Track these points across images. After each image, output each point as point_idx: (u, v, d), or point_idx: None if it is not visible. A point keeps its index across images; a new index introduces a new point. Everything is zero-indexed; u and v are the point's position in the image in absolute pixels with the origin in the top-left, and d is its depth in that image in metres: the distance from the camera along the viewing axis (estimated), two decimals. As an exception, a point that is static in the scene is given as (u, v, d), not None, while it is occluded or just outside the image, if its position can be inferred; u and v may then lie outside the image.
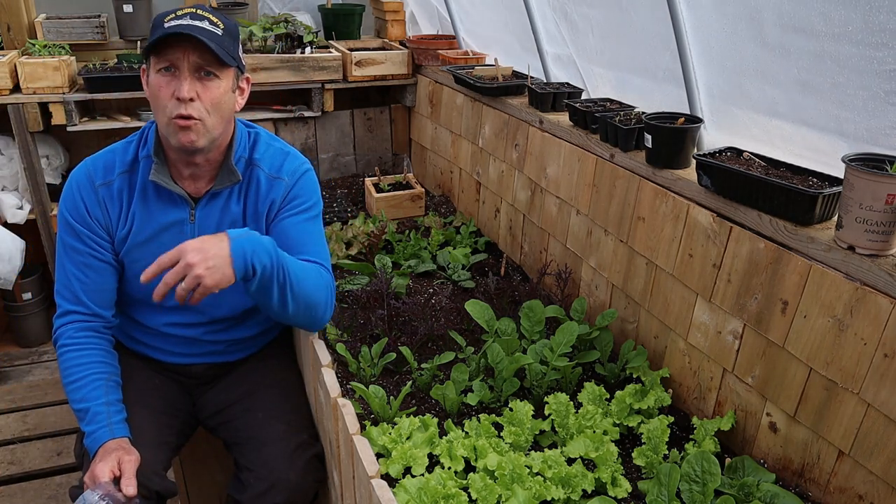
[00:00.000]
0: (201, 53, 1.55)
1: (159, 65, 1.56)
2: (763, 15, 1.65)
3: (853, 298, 1.38)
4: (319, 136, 3.55)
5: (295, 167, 1.79)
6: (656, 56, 2.07)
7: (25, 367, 3.35)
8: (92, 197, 1.70)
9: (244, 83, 1.73)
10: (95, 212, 1.70)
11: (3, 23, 3.26)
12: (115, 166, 1.72)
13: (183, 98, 1.54)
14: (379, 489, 1.33)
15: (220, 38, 1.57)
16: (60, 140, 3.46)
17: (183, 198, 1.71)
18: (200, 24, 1.55)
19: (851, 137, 1.56)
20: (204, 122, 1.59)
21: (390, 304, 2.16)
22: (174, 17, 1.56)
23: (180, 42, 1.53)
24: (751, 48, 1.72)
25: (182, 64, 1.54)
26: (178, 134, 1.58)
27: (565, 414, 1.72)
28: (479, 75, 2.84)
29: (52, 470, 2.60)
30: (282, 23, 3.41)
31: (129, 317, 1.87)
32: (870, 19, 1.41)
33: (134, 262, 1.74)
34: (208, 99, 1.58)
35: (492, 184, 2.86)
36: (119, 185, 1.71)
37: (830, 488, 1.48)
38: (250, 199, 1.76)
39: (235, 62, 1.62)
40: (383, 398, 1.76)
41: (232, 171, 1.72)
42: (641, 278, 2.00)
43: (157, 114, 1.61)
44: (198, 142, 1.60)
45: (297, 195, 1.78)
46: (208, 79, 1.58)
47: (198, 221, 1.73)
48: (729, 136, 1.91)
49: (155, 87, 1.58)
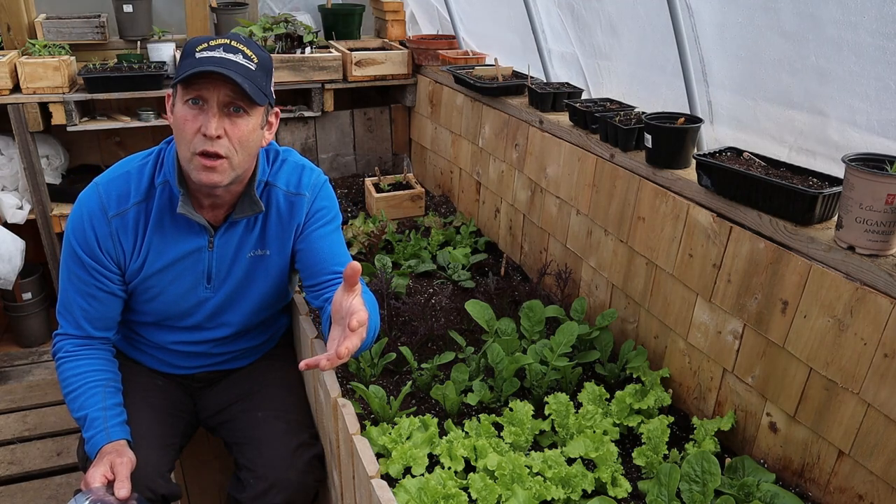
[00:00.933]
0: (233, 89, 1.47)
1: (187, 96, 1.48)
2: (779, 4, 1.64)
3: (853, 298, 1.38)
4: (319, 136, 3.55)
5: (313, 181, 1.75)
6: (665, 51, 2.06)
7: (25, 367, 3.35)
8: (105, 230, 1.62)
9: (273, 118, 1.66)
10: (107, 245, 1.63)
11: (3, 23, 3.26)
12: (129, 195, 1.64)
13: (210, 136, 1.47)
14: (379, 489, 1.33)
15: (254, 74, 1.50)
16: (60, 140, 3.46)
17: (203, 227, 1.66)
18: (234, 58, 1.47)
19: (864, 128, 1.55)
20: (230, 160, 1.52)
21: (390, 304, 2.16)
22: (207, 48, 1.48)
23: (212, 76, 1.45)
24: (767, 36, 1.72)
25: (212, 99, 1.47)
26: (200, 173, 1.51)
27: (565, 414, 1.72)
28: (479, 75, 2.84)
29: (52, 470, 2.60)
30: (282, 23, 3.41)
31: (135, 332, 1.86)
32: (884, 9, 1.42)
33: (147, 288, 1.71)
34: (236, 137, 1.50)
35: (492, 184, 2.86)
36: (134, 215, 1.64)
37: (830, 488, 1.48)
38: (270, 221, 1.73)
39: (267, 99, 1.55)
40: (383, 398, 1.76)
41: (255, 201, 1.66)
42: (641, 278, 2.00)
43: (181, 146, 1.53)
44: (221, 182, 1.53)
45: (321, 207, 1.75)
46: (237, 115, 1.50)
47: (216, 249, 1.70)
48: (737, 131, 1.91)
49: (181, 119, 1.49)
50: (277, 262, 1.76)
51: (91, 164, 3.69)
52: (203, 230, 1.67)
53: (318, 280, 1.71)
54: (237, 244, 1.71)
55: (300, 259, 1.76)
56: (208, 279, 1.72)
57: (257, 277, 1.77)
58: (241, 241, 1.71)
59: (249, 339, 1.91)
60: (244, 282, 1.76)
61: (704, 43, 1.91)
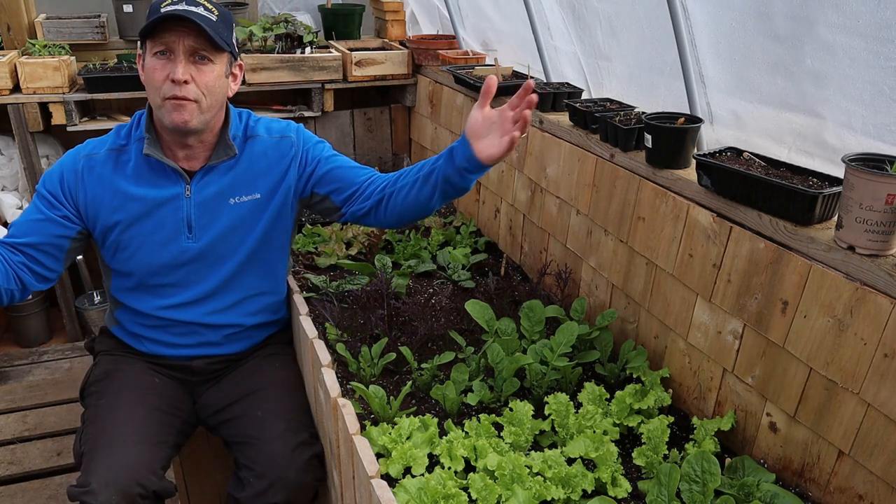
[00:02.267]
0: (196, 37, 1.59)
1: (155, 48, 1.61)
2: (772, 9, 1.65)
3: (853, 298, 1.38)
4: (319, 136, 3.55)
5: (292, 126, 1.90)
6: (663, 52, 2.07)
7: (25, 367, 3.35)
8: (71, 167, 1.74)
9: (237, 69, 1.78)
10: (69, 179, 1.73)
11: (3, 23, 3.26)
12: (105, 143, 1.77)
13: (178, 80, 1.59)
14: (379, 489, 1.33)
15: (215, 24, 1.62)
16: (60, 140, 3.46)
17: (178, 172, 1.75)
18: (196, 10, 1.59)
19: (860, 132, 1.56)
20: (199, 104, 1.64)
21: (390, 304, 2.16)
22: (171, 3, 1.59)
23: (176, 26, 1.58)
24: (759, 41, 1.72)
25: (177, 47, 1.59)
26: (171, 113, 1.62)
27: (565, 414, 1.72)
28: (479, 75, 2.84)
29: (51, 470, 2.60)
30: (282, 23, 3.41)
31: (126, 307, 1.88)
32: (878, 14, 1.42)
33: (129, 240, 1.77)
34: (203, 82, 1.63)
35: (492, 184, 2.86)
36: (103, 158, 1.75)
37: (830, 488, 1.48)
38: (256, 166, 1.82)
39: (229, 48, 1.67)
40: (383, 398, 1.76)
41: (229, 145, 1.77)
42: (641, 278, 2.00)
43: (151, 95, 1.65)
44: (191, 122, 1.64)
45: (311, 141, 1.91)
46: (203, 63, 1.63)
47: (193, 196, 1.77)
48: (736, 131, 1.91)
49: (150, 69, 1.62)
50: (271, 202, 1.85)
51: (91, 164, 3.69)
52: (178, 176, 1.76)
53: (353, 189, 1.86)
54: (217, 191, 1.79)
55: (329, 179, 1.88)
56: (189, 228, 1.78)
57: (246, 223, 1.83)
58: (221, 187, 1.79)
59: (237, 313, 1.91)
60: (230, 229, 1.81)
61: (701, 45, 1.91)
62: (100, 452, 1.63)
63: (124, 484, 1.56)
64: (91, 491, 1.55)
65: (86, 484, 1.57)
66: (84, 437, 1.71)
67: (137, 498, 1.58)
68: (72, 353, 3.45)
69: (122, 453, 1.62)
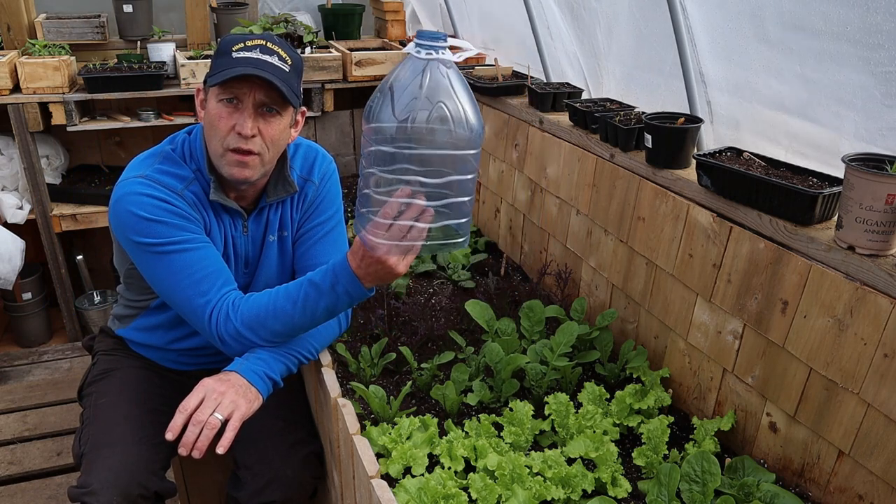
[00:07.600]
0: (268, 91, 1.50)
1: (223, 95, 1.51)
2: (764, 13, 1.65)
3: (853, 298, 1.38)
4: (319, 136, 3.55)
5: (324, 169, 1.78)
6: (662, 52, 2.07)
7: (25, 367, 3.35)
8: (179, 199, 1.59)
9: (300, 116, 1.68)
10: (185, 208, 1.59)
11: (3, 23, 3.26)
12: (179, 180, 1.62)
13: (245, 135, 1.50)
14: (379, 489, 1.33)
15: (287, 76, 1.52)
16: (60, 140, 3.46)
17: (238, 212, 1.69)
18: (270, 60, 1.50)
19: (852, 136, 1.56)
20: (261, 157, 1.56)
21: (390, 304, 2.16)
22: (244, 48, 1.50)
23: (249, 78, 1.48)
24: (754, 44, 1.73)
25: (247, 99, 1.50)
26: (233, 168, 1.54)
27: (565, 414, 1.72)
28: (479, 75, 2.84)
29: (51, 470, 2.60)
30: (282, 23, 3.41)
31: (140, 328, 1.87)
32: (867, 20, 1.41)
33: None
34: (269, 136, 1.54)
35: (492, 184, 2.86)
36: (190, 197, 1.62)
37: (830, 488, 1.48)
38: (288, 204, 1.77)
39: (299, 101, 1.58)
40: (383, 398, 1.76)
41: (289, 182, 1.69)
42: (641, 278, 2.00)
43: (213, 142, 1.55)
44: (252, 177, 1.57)
45: (323, 199, 1.77)
46: (270, 115, 1.54)
47: (250, 233, 1.73)
48: (735, 131, 1.91)
49: (215, 116, 1.52)
50: (291, 242, 1.81)
51: (91, 164, 3.69)
52: (238, 215, 1.71)
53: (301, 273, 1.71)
54: (264, 228, 1.75)
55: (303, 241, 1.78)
56: (246, 263, 1.76)
57: (273, 259, 1.80)
58: (266, 225, 1.76)
59: None
60: (263, 265, 1.79)
61: (700, 45, 1.91)
62: (100, 453, 1.63)
63: (125, 484, 1.56)
64: (92, 492, 1.55)
65: (86, 485, 1.56)
66: (84, 438, 1.71)
67: (138, 498, 1.58)
68: (72, 353, 3.45)
69: (123, 454, 1.62)
